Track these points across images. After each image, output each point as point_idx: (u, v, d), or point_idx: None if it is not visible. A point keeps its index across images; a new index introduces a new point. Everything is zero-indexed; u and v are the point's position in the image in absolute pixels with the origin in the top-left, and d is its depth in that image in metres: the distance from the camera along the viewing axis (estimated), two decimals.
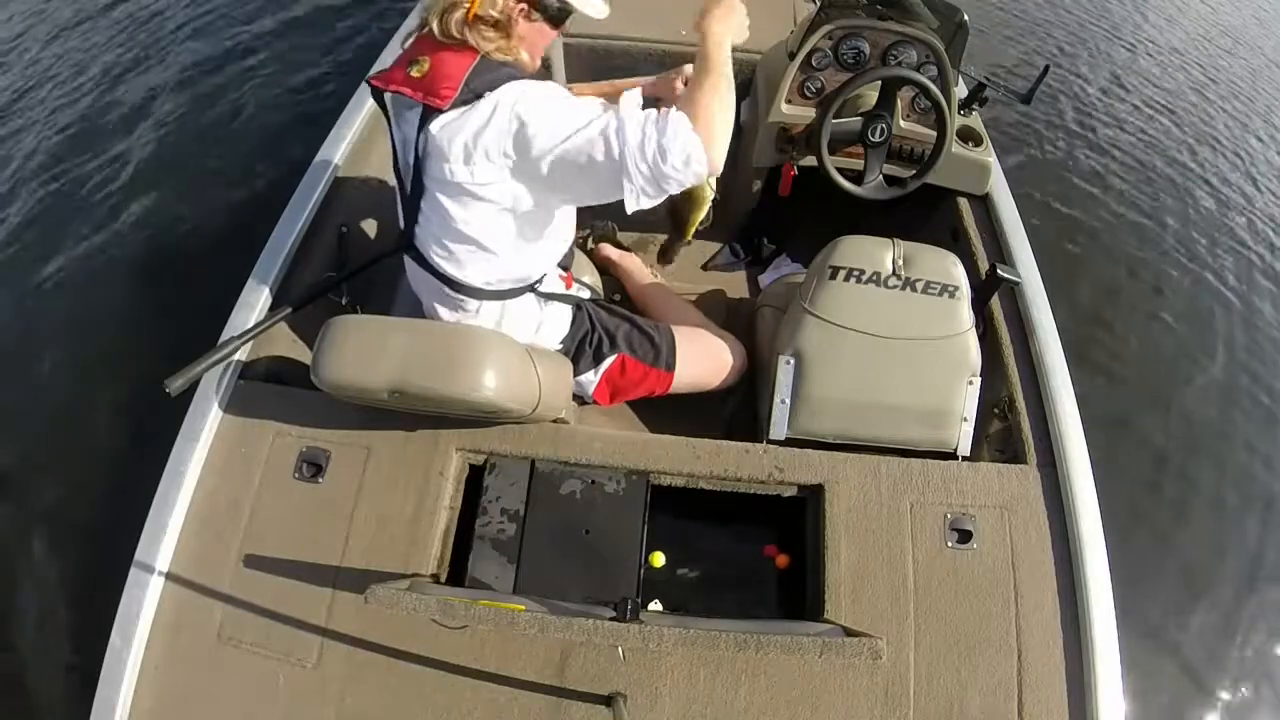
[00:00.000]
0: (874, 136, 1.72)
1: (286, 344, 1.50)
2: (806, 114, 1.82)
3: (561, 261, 1.49)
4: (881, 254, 1.41)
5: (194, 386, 1.34)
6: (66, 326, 2.39)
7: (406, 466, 1.32)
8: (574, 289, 1.53)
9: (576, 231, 1.50)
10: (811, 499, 1.36)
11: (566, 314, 1.46)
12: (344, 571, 1.23)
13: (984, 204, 1.89)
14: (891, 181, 1.79)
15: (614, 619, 0.97)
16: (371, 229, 1.75)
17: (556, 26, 1.24)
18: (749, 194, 2.05)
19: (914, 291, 1.39)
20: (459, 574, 1.29)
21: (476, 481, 1.36)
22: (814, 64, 1.83)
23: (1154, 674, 1.90)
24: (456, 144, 1.14)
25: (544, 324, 1.42)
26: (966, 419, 1.43)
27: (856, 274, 1.40)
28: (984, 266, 1.73)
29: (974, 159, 1.86)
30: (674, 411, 1.59)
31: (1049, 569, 1.28)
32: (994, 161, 1.88)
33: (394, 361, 1.16)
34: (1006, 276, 1.59)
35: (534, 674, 1.16)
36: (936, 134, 1.72)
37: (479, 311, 1.36)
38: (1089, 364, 2.48)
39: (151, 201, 2.82)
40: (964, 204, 1.89)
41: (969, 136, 1.89)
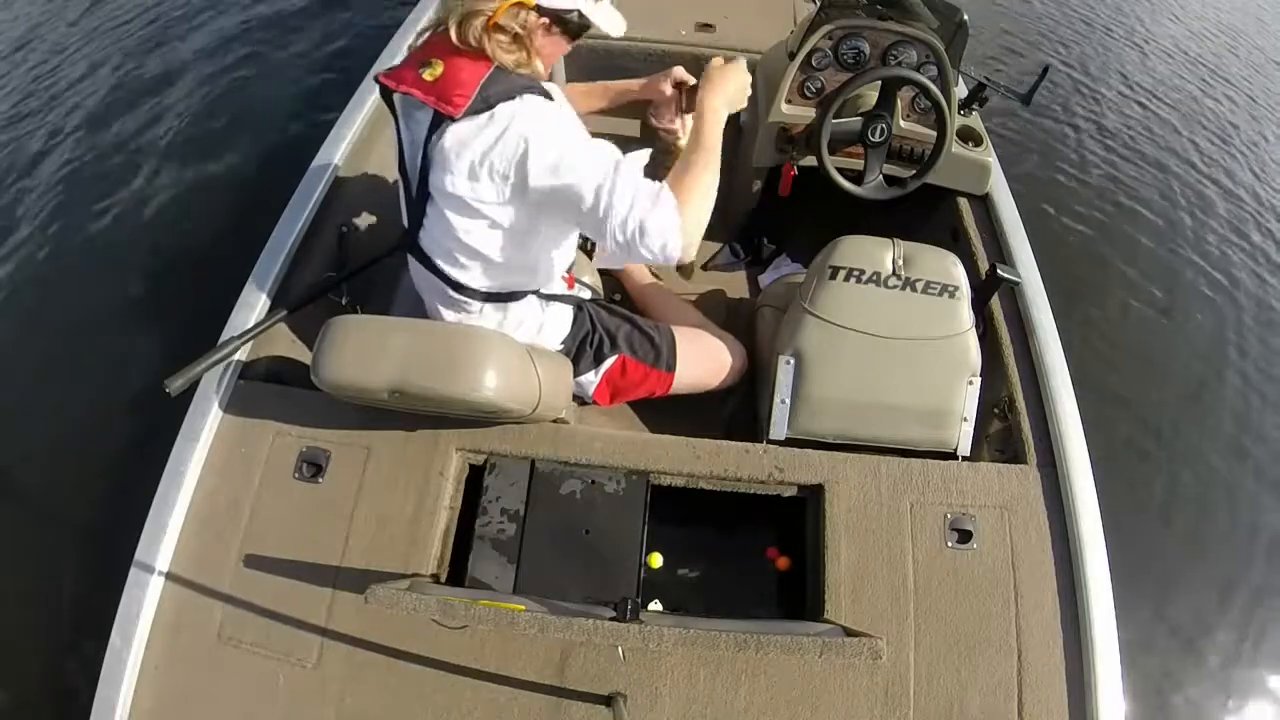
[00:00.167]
0: (874, 136, 1.72)
1: (286, 344, 1.49)
2: (806, 114, 1.82)
3: None
4: (881, 254, 1.41)
5: (194, 386, 1.34)
6: (66, 326, 2.39)
7: (406, 466, 1.32)
8: (575, 289, 1.53)
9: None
10: (811, 499, 1.36)
11: (568, 315, 1.46)
12: (344, 571, 1.23)
13: (984, 204, 1.88)
14: (891, 181, 1.79)
15: (614, 619, 0.97)
16: (371, 229, 1.75)
17: (574, 40, 1.24)
18: (749, 194, 2.05)
19: (914, 291, 1.39)
20: (459, 574, 1.29)
21: (476, 481, 1.36)
22: (814, 64, 1.83)
23: (1154, 674, 1.89)
24: (464, 159, 1.14)
25: (545, 324, 1.43)
26: (966, 419, 1.43)
27: (856, 274, 1.40)
28: (984, 266, 1.73)
29: (974, 159, 1.86)
30: (674, 411, 1.59)
31: (1049, 569, 1.28)
32: (994, 161, 1.88)
33: (394, 361, 1.16)
34: (1006, 276, 1.59)
35: (534, 674, 1.16)
36: (936, 134, 1.72)
37: (481, 312, 1.36)
38: (1089, 364, 2.47)
39: (151, 201, 2.83)
40: (964, 204, 1.89)
41: (969, 136, 1.89)
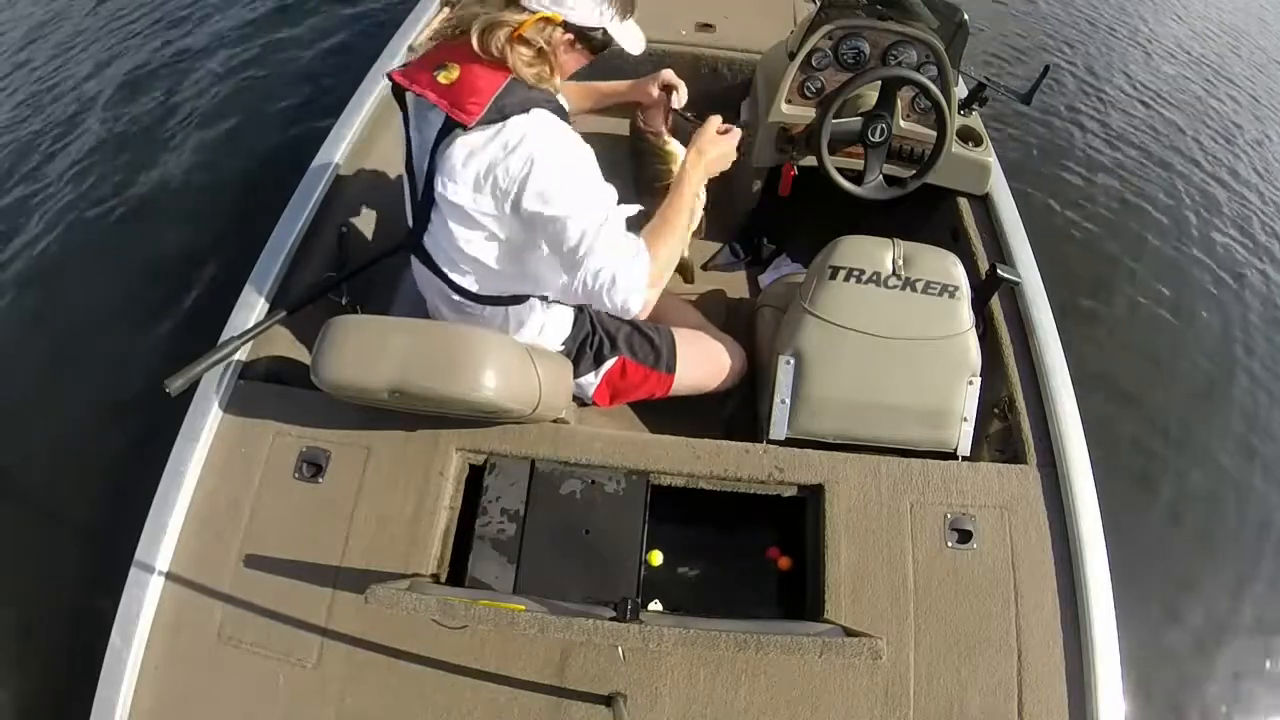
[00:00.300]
0: (874, 136, 1.72)
1: (286, 344, 1.49)
2: (806, 114, 1.82)
3: None
4: (881, 254, 1.41)
5: (194, 386, 1.33)
6: (67, 326, 2.38)
7: (406, 466, 1.32)
8: None
9: None
10: (811, 499, 1.36)
11: (568, 316, 1.46)
12: (344, 571, 1.23)
13: (984, 204, 1.88)
14: (891, 181, 1.79)
15: (614, 619, 0.97)
16: (371, 229, 1.75)
17: (595, 56, 1.24)
18: (749, 194, 2.05)
19: (914, 291, 1.39)
20: (459, 574, 1.29)
21: (476, 481, 1.36)
22: (814, 64, 1.83)
23: (1154, 674, 1.89)
24: (470, 169, 1.14)
25: (546, 325, 1.43)
26: (966, 419, 1.43)
27: (856, 274, 1.40)
28: (984, 266, 1.73)
29: (974, 159, 1.86)
30: (674, 412, 1.59)
31: (1049, 569, 1.28)
32: (994, 161, 1.88)
33: (394, 361, 1.16)
34: (1006, 276, 1.59)
35: (534, 674, 1.16)
36: (936, 134, 1.71)
37: (483, 314, 1.36)
38: (1095, 363, 2.48)
39: (151, 201, 2.82)
40: (964, 204, 1.89)
41: (969, 136, 1.89)
